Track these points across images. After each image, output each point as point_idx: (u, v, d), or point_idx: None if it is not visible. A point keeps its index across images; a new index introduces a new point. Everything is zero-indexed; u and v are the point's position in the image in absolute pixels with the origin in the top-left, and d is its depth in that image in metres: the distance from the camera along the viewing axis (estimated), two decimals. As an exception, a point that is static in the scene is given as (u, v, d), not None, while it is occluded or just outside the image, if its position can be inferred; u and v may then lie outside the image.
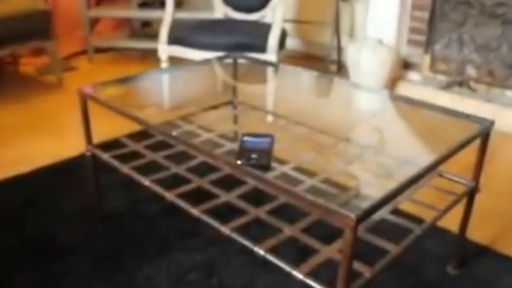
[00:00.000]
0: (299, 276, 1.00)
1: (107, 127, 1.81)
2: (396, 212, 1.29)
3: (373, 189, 1.33)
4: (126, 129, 1.74)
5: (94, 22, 3.79)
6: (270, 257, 1.06)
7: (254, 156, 1.18)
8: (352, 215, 0.87)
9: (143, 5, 3.55)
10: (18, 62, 3.40)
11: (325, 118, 1.82)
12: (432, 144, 1.82)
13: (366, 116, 2.25)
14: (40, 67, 3.30)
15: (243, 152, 1.20)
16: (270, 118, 1.91)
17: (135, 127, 1.57)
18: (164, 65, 2.53)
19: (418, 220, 1.25)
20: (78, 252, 1.53)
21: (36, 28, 2.87)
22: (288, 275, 1.02)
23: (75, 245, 1.57)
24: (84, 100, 1.50)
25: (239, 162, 1.16)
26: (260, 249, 1.07)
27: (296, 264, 1.03)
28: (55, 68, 3.01)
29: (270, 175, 1.16)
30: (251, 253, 1.09)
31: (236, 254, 1.52)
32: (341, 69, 3.30)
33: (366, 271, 1.01)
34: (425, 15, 2.84)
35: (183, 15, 3.17)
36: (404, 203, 1.33)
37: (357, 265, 1.01)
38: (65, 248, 1.55)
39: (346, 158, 1.51)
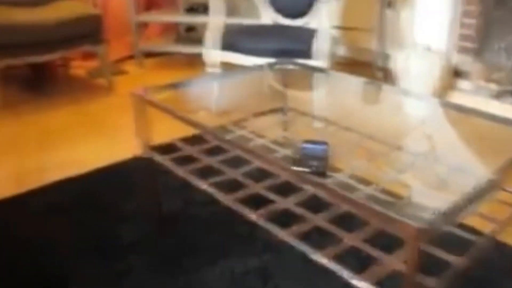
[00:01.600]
0: (359, 285, 1.00)
1: (157, 130, 1.85)
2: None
3: (430, 199, 1.31)
4: (175, 133, 1.76)
5: (143, 27, 3.87)
6: (332, 265, 1.06)
7: (313, 163, 1.19)
8: (421, 226, 0.86)
9: (190, 10, 3.62)
10: (69, 65, 3.52)
11: (375, 125, 1.80)
12: (485, 153, 1.78)
13: (416, 123, 2.21)
14: (91, 70, 3.40)
15: (303, 158, 1.21)
16: (319, 124, 1.91)
17: (184, 131, 1.59)
18: (210, 69, 2.56)
19: (477, 232, 1.22)
20: (137, 252, 1.57)
21: (87, 32, 2.96)
22: (348, 284, 1.01)
23: (134, 245, 1.60)
24: (140, 103, 1.53)
25: (298, 168, 1.16)
26: (322, 256, 1.07)
27: (356, 273, 1.02)
28: (106, 72, 3.09)
29: (328, 182, 1.16)
30: (308, 259, 1.09)
31: (291, 260, 1.52)
32: (388, 76, 3.26)
33: (431, 283, 0.99)
34: (475, 21, 2.78)
35: (230, 21, 3.21)
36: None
37: (420, 277, 0.99)
38: (124, 248, 1.59)
39: (398, 166, 1.50)
